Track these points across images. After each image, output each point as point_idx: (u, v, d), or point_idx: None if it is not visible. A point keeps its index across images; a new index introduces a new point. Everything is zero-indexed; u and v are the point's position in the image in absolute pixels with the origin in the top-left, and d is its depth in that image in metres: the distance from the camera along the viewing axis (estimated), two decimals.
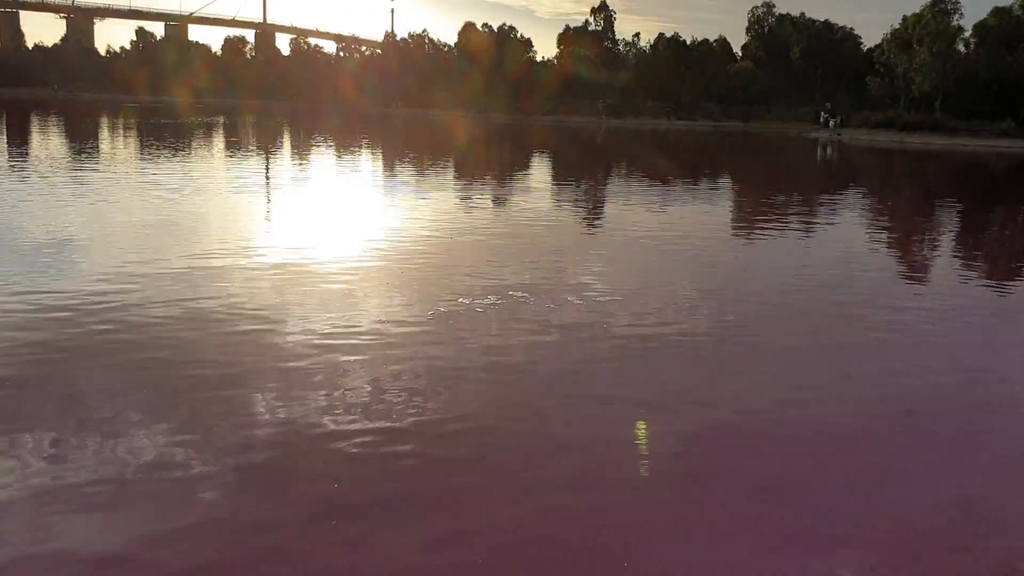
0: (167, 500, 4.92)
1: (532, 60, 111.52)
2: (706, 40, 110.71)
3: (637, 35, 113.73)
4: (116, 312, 8.70)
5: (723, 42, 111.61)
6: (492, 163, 36.54)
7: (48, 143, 37.30)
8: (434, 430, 6.01)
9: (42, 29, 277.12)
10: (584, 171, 34.49)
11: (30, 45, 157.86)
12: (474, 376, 7.20)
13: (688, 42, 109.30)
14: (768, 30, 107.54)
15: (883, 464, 5.82)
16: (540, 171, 33.98)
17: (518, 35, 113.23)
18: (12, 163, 26.28)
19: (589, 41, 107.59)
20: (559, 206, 20.53)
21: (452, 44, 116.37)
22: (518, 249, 13.48)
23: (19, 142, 37.26)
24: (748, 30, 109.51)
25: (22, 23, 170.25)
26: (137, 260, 11.33)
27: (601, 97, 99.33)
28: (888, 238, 17.95)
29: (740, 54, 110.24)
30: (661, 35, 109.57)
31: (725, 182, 31.79)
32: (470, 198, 21.22)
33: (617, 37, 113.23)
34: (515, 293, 10.10)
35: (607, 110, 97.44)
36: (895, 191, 31.52)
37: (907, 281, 13.02)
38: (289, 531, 4.66)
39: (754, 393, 7.09)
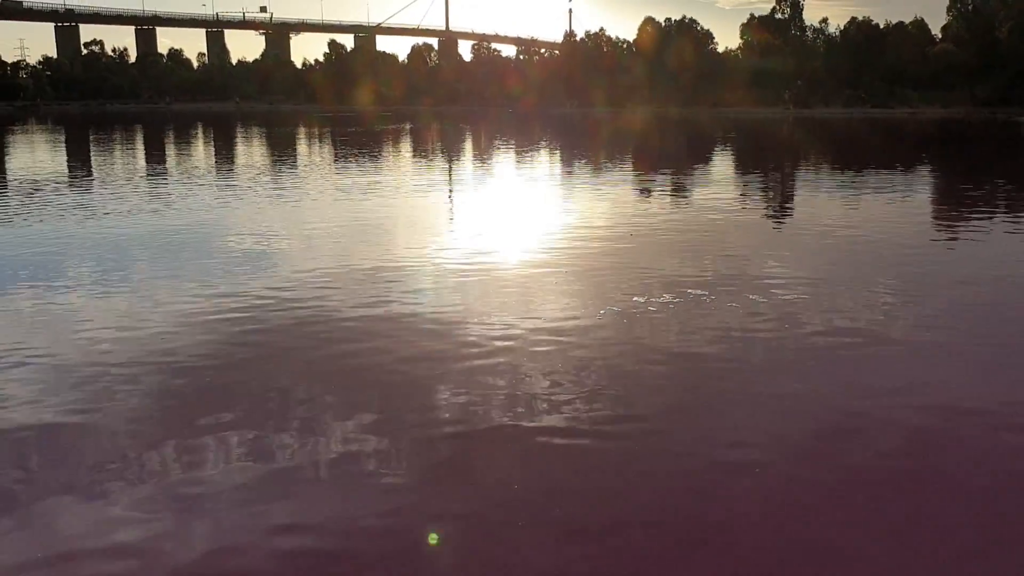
0: (357, 488, 5.07)
1: (714, 52, 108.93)
2: (901, 23, 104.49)
3: (824, 20, 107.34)
4: (311, 310, 9.12)
5: (920, 23, 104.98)
6: (673, 157, 35.83)
7: (251, 151, 39.84)
8: (607, 428, 5.90)
9: (244, 46, 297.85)
10: (768, 163, 33.26)
11: (234, 61, 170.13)
12: (648, 375, 7.01)
13: (881, 26, 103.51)
14: (972, 8, 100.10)
15: None
16: (722, 164, 33.10)
17: (699, 28, 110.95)
18: (220, 169, 28.22)
19: (774, 29, 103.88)
20: (742, 199, 19.86)
21: (631, 40, 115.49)
22: (699, 245, 13.10)
23: (225, 151, 40.06)
24: (949, 9, 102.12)
25: (227, 41, 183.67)
26: (330, 261, 11.87)
27: (788, 87, 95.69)
28: None
29: (939, 36, 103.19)
30: (852, 19, 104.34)
31: (933, 175, 29.76)
32: (650, 193, 20.89)
33: (805, 24, 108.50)
34: (693, 291, 9.76)
35: (794, 100, 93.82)
36: None
37: None
38: (467, 521, 4.68)
39: (950, 406, 6.51)
